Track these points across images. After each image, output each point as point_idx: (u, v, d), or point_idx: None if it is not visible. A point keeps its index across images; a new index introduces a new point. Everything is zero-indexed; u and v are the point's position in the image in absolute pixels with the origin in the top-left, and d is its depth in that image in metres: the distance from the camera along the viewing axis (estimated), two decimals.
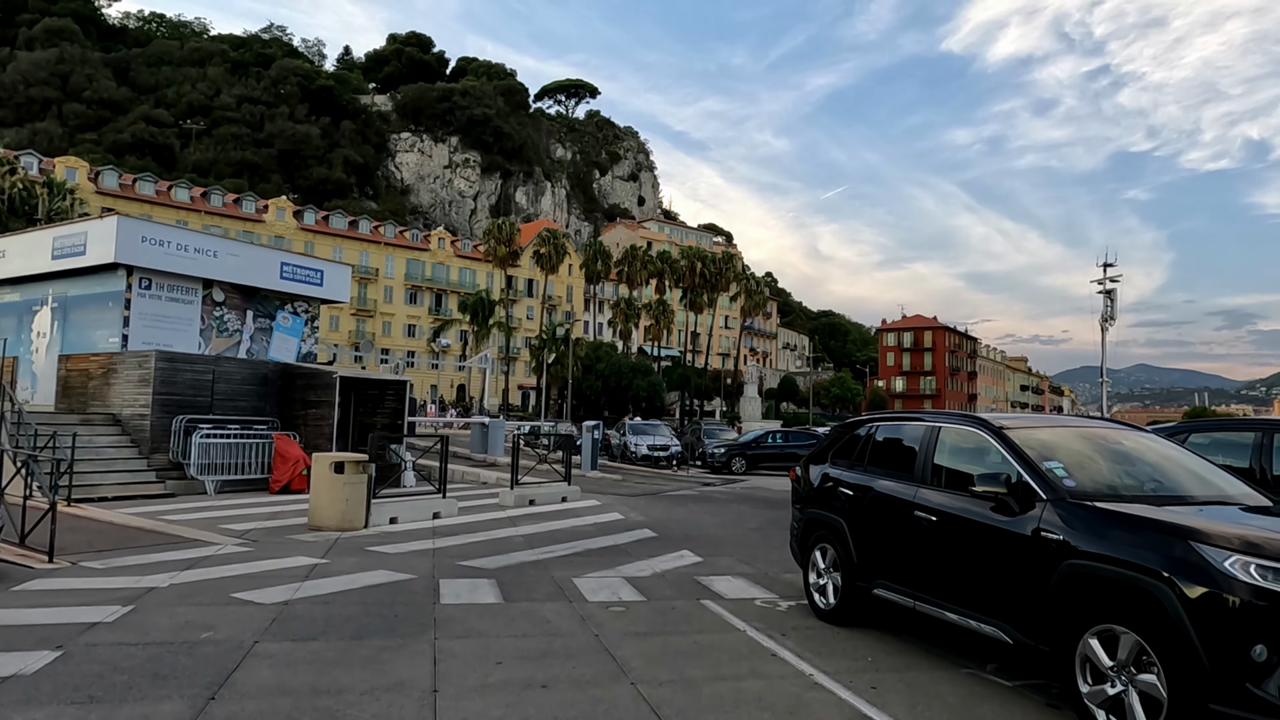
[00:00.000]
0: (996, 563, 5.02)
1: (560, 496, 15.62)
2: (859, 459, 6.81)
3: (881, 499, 6.20)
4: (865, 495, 6.43)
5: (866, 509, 6.38)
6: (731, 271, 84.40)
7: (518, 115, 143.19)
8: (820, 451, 7.58)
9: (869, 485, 6.42)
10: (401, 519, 12.03)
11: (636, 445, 28.57)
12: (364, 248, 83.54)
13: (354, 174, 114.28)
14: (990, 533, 5.07)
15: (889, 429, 6.71)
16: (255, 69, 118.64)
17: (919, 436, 6.13)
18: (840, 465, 7.03)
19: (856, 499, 6.53)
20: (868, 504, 6.38)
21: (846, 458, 7.01)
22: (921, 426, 6.20)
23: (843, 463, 7.02)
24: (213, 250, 16.95)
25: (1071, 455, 5.33)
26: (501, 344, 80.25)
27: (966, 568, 5.29)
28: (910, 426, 6.43)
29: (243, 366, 16.62)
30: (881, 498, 6.21)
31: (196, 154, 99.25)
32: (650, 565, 9.28)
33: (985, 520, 5.11)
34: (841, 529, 6.59)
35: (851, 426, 7.37)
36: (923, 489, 5.80)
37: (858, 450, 6.89)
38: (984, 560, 5.14)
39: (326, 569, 8.32)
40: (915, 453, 6.07)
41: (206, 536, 10.09)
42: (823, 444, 7.68)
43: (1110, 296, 59.67)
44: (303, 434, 16.53)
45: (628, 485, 20.49)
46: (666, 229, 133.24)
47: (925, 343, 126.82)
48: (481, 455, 25.45)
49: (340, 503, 11.12)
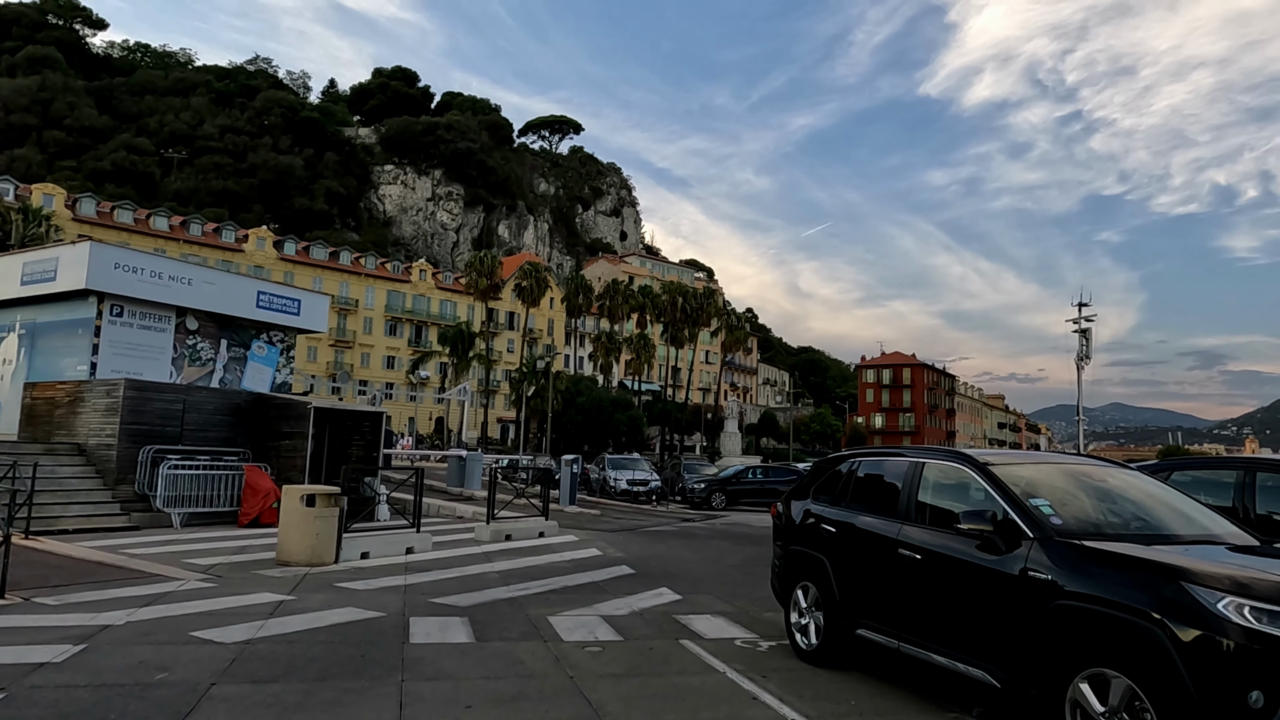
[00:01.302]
0: (983, 603, 4.89)
1: (538, 532, 15.34)
2: (841, 495, 6.68)
3: (864, 536, 6.07)
4: (848, 532, 6.29)
5: (849, 547, 6.24)
6: (713, 307, 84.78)
7: (501, 150, 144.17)
8: (802, 487, 7.45)
9: (852, 522, 6.29)
10: (374, 554, 11.73)
11: (616, 480, 28.29)
12: (344, 278, 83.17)
13: (336, 205, 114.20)
14: (976, 572, 4.94)
15: (871, 465, 6.60)
16: (239, 100, 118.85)
17: (902, 472, 6.02)
18: (823, 501, 6.90)
19: (839, 536, 6.39)
20: (851, 541, 6.24)
21: (829, 494, 6.88)
22: (904, 462, 6.10)
23: (825, 499, 6.89)
24: (188, 278, 16.69)
25: (1057, 492, 5.23)
26: (481, 377, 79.82)
27: (952, 608, 5.15)
28: (893, 462, 6.33)
29: (215, 396, 16.30)
30: (864, 535, 6.07)
31: (177, 183, 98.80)
32: (628, 603, 9.06)
33: (971, 559, 4.99)
34: (824, 567, 6.44)
35: (834, 462, 7.25)
36: (906, 526, 5.68)
37: (840, 486, 6.76)
38: (970, 600, 5.00)
39: (292, 606, 8.04)
40: (898, 489, 5.95)
41: (168, 571, 9.75)
42: (805, 480, 7.56)
43: (1086, 336, 60.31)
44: (275, 466, 16.19)
45: (606, 521, 20.22)
46: (648, 264, 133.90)
47: (904, 380, 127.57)
48: (458, 489, 25.07)
49: (310, 537, 10.82)
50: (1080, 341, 61.41)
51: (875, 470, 6.50)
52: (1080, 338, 61.44)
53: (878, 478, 6.40)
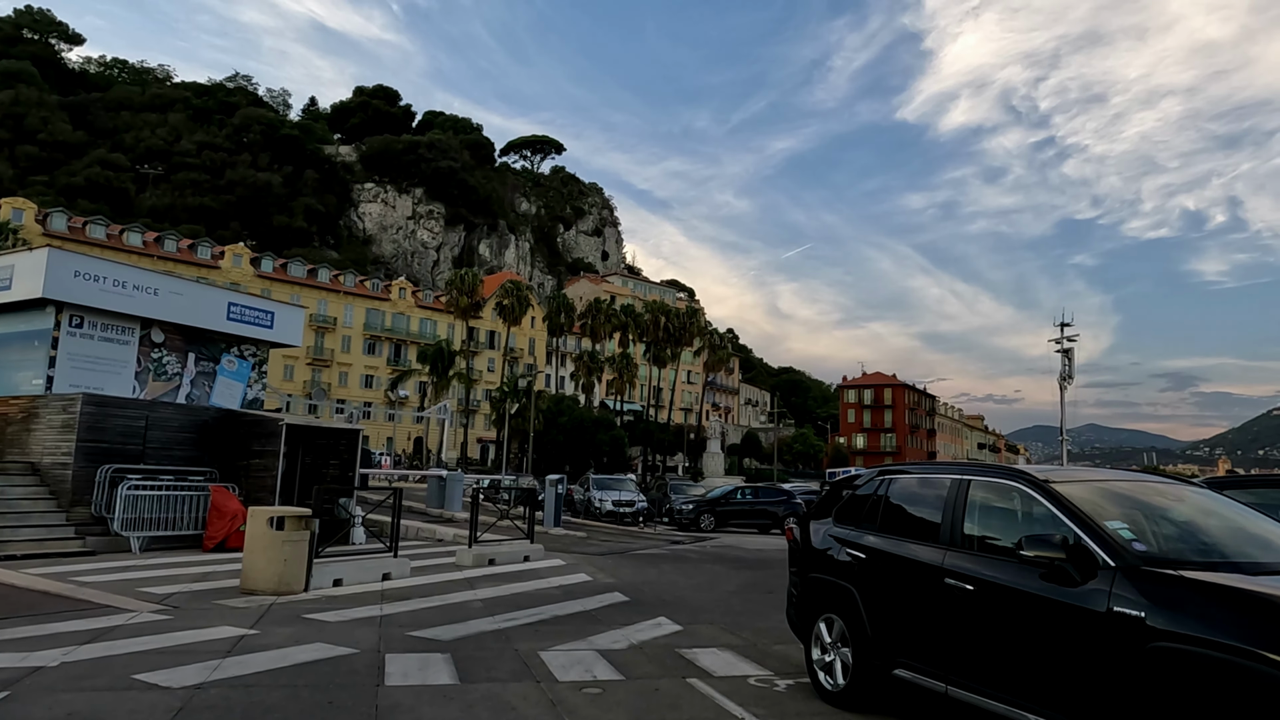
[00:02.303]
0: (1053, 643, 4.22)
1: (522, 555, 14.54)
2: (870, 517, 6.00)
3: (901, 564, 5.39)
4: (881, 559, 5.61)
5: (883, 575, 5.56)
6: (695, 326, 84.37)
7: (483, 169, 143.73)
8: (821, 508, 6.77)
9: (885, 548, 5.61)
10: (347, 580, 10.89)
11: (601, 501, 27.48)
12: (323, 296, 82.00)
13: (316, 223, 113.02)
14: (1044, 606, 4.27)
15: (905, 483, 5.93)
16: (218, 116, 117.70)
17: (943, 492, 5.36)
18: (847, 524, 6.22)
19: (870, 563, 5.70)
20: (884, 570, 5.55)
21: (855, 516, 6.20)
22: (945, 480, 5.43)
23: (850, 521, 6.21)
24: (153, 288, 15.83)
25: (1131, 514, 4.59)
26: (461, 396, 78.70)
27: (1015, 648, 4.47)
28: (931, 480, 5.67)
29: (180, 412, 15.40)
30: (901, 563, 5.39)
31: (153, 199, 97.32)
32: (625, 635, 8.31)
33: (1036, 592, 4.32)
34: (852, 598, 5.75)
35: (857, 480, 6.58)
36: (952, 553, 5.00)
37: (868, 507, 6.08)
38: (1037, 640, 4.33)
39: (254, 642, 7.22)
40: (940, 511, 5.28)
41: (119, 602, 8.88)
42: (824, 500, 6.87)
43: (1068, 355, 60.42)
44: (244, 486, 15.29)
45: (593, 543, 19.42)
46: (630, 283, 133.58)
47: (886, 400, 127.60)
48: (438, 510, 24.17)
49: (278, 563, 9.98)
50: (1063, 361, 61.37)
51: (909, 489, 5.84)
52: (1062, 358, 61.42)
53: (913, 497, 5.73)
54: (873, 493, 6.13)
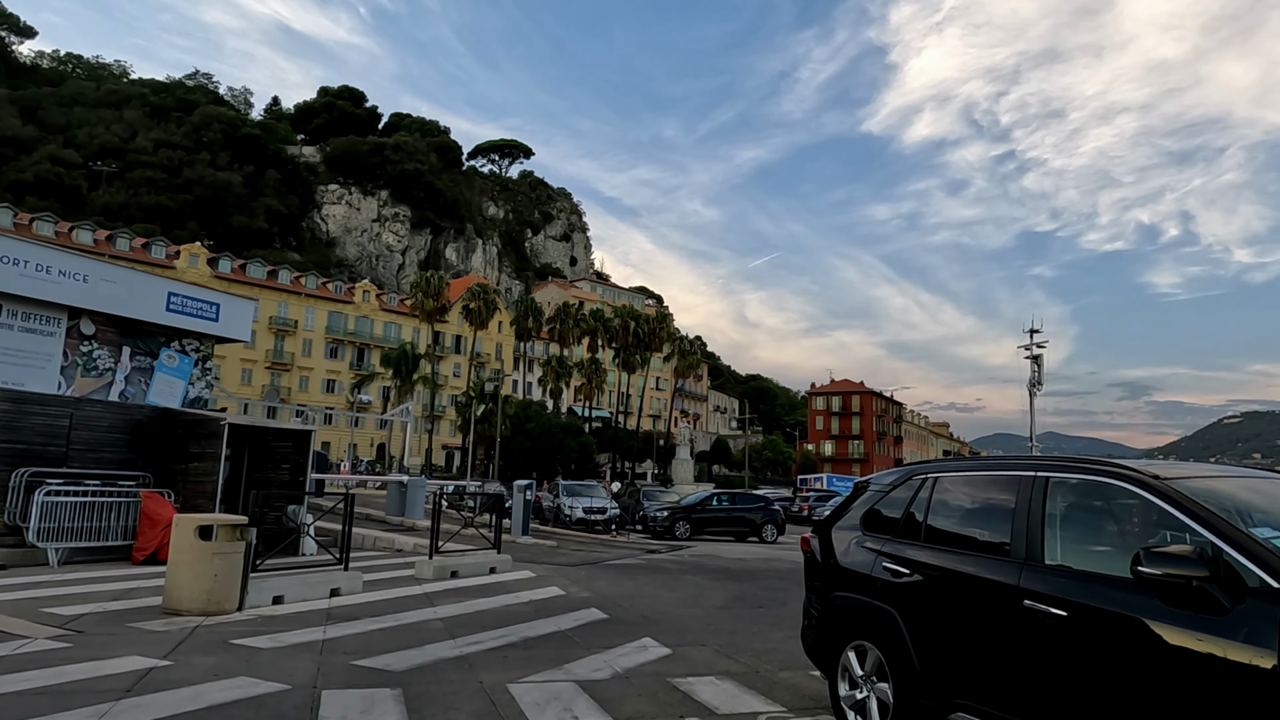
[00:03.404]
0: (1180, 684, 3.21)
1: (488, 567, 13.36)
2: (910, 524, 4.98)
3: (961, 582, 4.36)
4: (932, 576, 4.58)
5: (935, 596, 4.53)
6: (665, 331, 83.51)
7: (450, 172, 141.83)
8: (844, 513, 5.73)
9: (937, 563, 4.58)
10: (289, 598, 9.65)
11: (572, 508, 26.29)
12: (283, 298, 79.73)
13: (277, 224, 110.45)
14: (1170, 638, 3.26)
15: (954, 483, 4.91)
16: (176, 114, 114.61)
17: (1011, 493, 4.34)
18: (881, 533, 5.19)
19: (917, 581, 4.67)
20: (937, 589, 4.53)
21: (889, 522, 5.18)
22: (1014, 478, 4.41)
23: (885, 529, 5.19)
24: (83, 274, 14.40)
25: (1273, 518, 3.61)
26: (426, 401, 76.91)
27: (1123, 691, 3.46)
28: (994, 479, 4.65)
29: (110, 411, 13.99)
30: (961, 580, 4.37)
31: (106, 197, 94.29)
32: (608, 661, 7.21)
33: (1165, 621, 3.31)
34: (893, 623, 4.71)
35: (886, 481, 5.56)
36: (1032, 569, 3.99)
37: (907, 512, 5.06)
38: (1156, 680, 3.32)
39: (162, 677, 6.00)
40: (1010, 516, 4.26)
41: (13, 626, 7.57)
42: (847, 504, 5.83)
43: (1038, 362, 60.45)
44: (182, 492, 13.93)
45: (564, 553, 18.26)
46: (599, 289, 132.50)
47: (854, 407, 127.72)
48: (399, 519, 22.83)
49: (207, 578, 8.72)
50: (1032, 368, 61.30)
51: (962, 491, 4.82)
52: (1032, 364, 61.40)
53: (968, 500, 4.72)
54: (911, 496, 5.11)
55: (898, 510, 5.16)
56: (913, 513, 5.01)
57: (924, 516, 4.90)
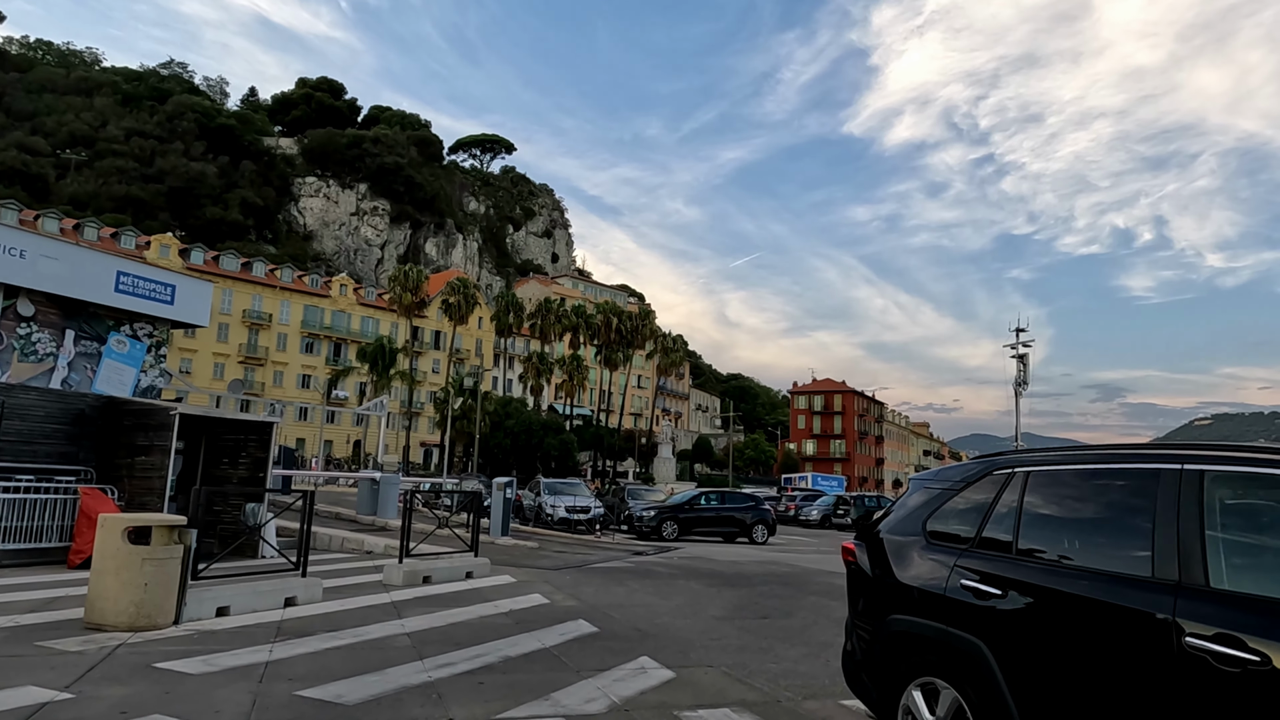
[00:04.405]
0: None
1: (464, 571, 12.24)
2: (997, 531, 3.94)
3: (1083, 611, 3.32)
4: (1038, 600, 3.54)
5: (1043, 627, 3.49)
6: (648, 328, 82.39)
7: (431, 166, 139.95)
8: (899, 515, 4.68)
9: (1045, 582, 3.54)
10: (236, 608, 8.50)
11: (554, 507, 25.17)
12: (258, 291, 77.91)
13: (253, 216, 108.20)
14: None
15: (1060, 478, 3.85)
16: (149, 103, 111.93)
17: (1150, 492, 3.29)
18: (952, 542, 4.15)
19: (1015, 606, 3.63)
20: (1045, 617, 3.49)
21: (966, 527, 4.14)
22: (1148, 473, 3.37)
23: (957, 536, 4.15)
24: (19, 249, 13.09)
25: None
26: (404, 398, 75.41)
27: None
28: (1116, 472, 3.60)
29: (46, 399, 12.71)
30: (1083, 608, 3.33)
31: (74, 186, 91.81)
32: (602, 688, 6.13)
33: None
34: (980, 660, 3.67)
35: (953, 475, 4.52)
36: (1189, 595, 2.96)
37: (990, 515, 4.02)
38: None
39: (58, 714, 4.86)
40: (1150, 522, 3.23)
41: None
42: (903, 503, 4.78)
43: (1023, 361, 60.01)
44: (127, 489, 12.70)
45: (547, 555, 17.16)
46: (581, 286, 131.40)
47: (835, 406, 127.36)
48: (370, 518, 21.62)
49: (136, 588, 7.55)
50: (1018, 367, 60.86)
51: (1073, 487, 3.77)
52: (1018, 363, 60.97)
53: (1084, 499, 3.69)
54: (994, 495, 4.07)
55: (976, 513, 4.11)
56: (999, 516, 3.97)
57: (1016, 521, 3.86)
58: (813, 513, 41.21)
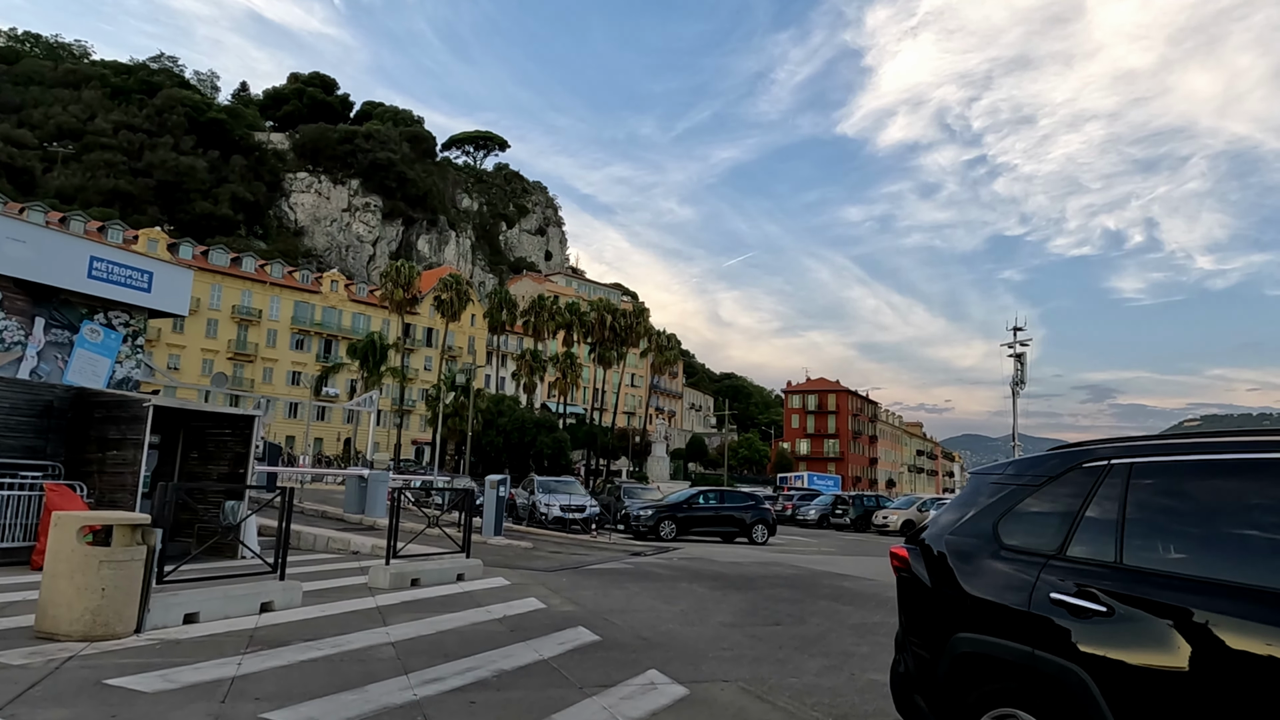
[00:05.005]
0: None
1: (455, 574, 11.57)
2: (1094, 536, 3.30)
3: (1226, 636, 2.68)
4: (1159, 622, 2.89)
5: (1165, 655, 2.84)
6: (642, 326, 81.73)
7: (424, 163, 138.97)
8: (961, 516, 4.03)
9: (1167, 599, 2.89)
10: (206, 615, 7.82)
11: (548, 506, 24.48)
12: (247, 286, 76.92)
13: (243, 212, 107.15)
14: None
15: (1174, 473, 3.19)
16: (138, 96, 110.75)
17: None
18: (1032, 550, 3.50)
19: (1127, 629, 2.98)
20: (1169, 643, 2.84)
21: (1051, 531, 3.49)
22: None
23: (1040, 541, 3.50)
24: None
25: None
26: (395, 395, 74.58)
27: None
28: (1250, 465, 2.96)
29: (12, 390, 11.98)
30: (1226, 633, 2.68)
31: (61, 179, 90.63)
32: (609, 707, 5.48)
33: None
34: (1079, 689, 3.02)
35: (1036, 470, 3.87)
36: None
37: (1083, 515, 3.37)
38: None
39: None
40: None
41: None
42: (964, 502, 4.12)
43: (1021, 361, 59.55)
44: (97, 485, 11.97)
45: (541, 555, 16.49)
46: (574, 284, 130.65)
47: (830, 406, 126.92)
48: (357, 517, 20.89)
49: (93, 593, 6.86)
50: (1015, 366, 60.44)
51: (1193, 483, 3.12)
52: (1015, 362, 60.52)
53: (1211, 499, 3.04)
54: (1086, 493, 3.42)
55: (1064, 513, 3.47)
56: (1095, 517, 3.33)
57: (1119, 523, 3.21)
58: (810, 512, 40.64)
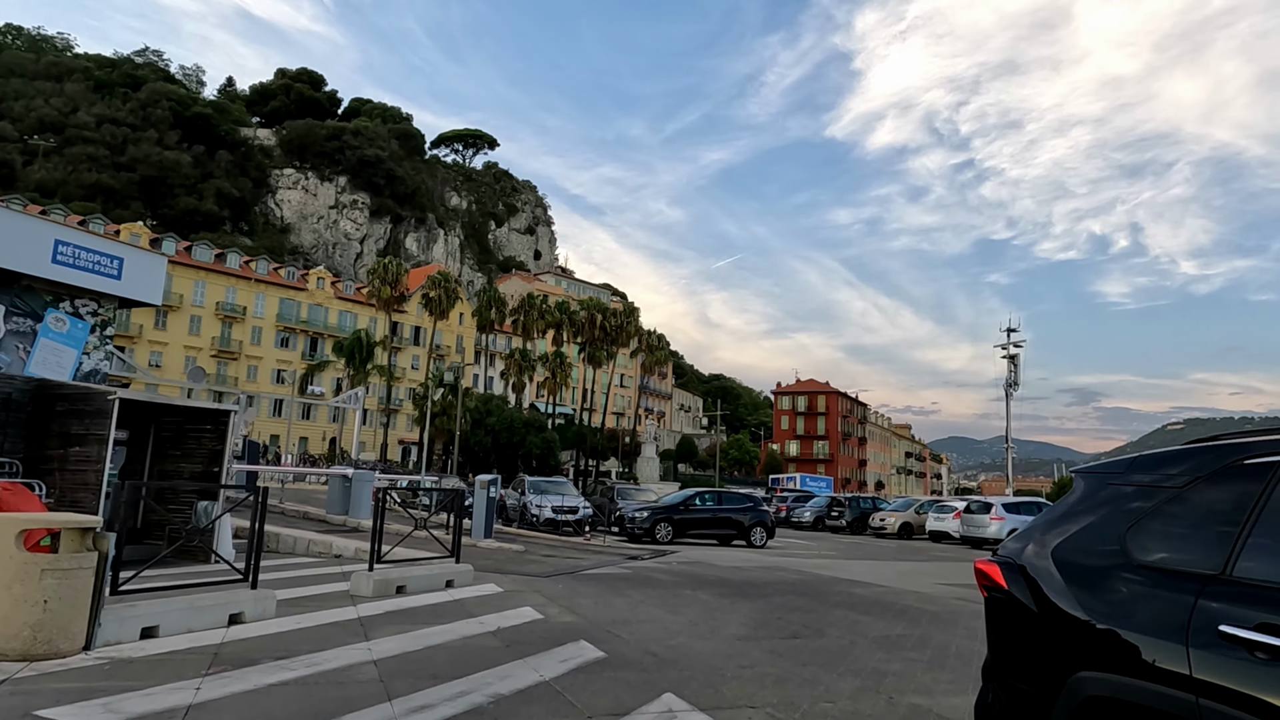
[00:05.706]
0: None
1: (444, 580, 10.79)
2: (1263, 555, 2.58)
3: None
4: None
5: None
6: (632, 326, 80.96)
7: (412, 160, 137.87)
8: (1081, 526, 3.30)
9: None
10: (166, 629, 7.02)
11: (539, 507, 23.70)
12: (231, 283, 75.69)
13: (228, 208, 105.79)
14: None
15: None
16: (122, 90, 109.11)
17: None
18: (1187, 570, 2.79)
19: None
20: None
21: (1207, 549, 2.77)
22: None
23: (1195, 561, 2.78)
24: None
25: None
26: (382, 394, 73.53)
27: None
28: None
29: None
30: None
31: (42, 173, 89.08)
32: None
33: None
34: None
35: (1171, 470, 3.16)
36: None
37: (1255, 524, 2.66)
38: None
39: None
40: None
41: None
42: (1081, 509, 3.39)
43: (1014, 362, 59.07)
44: (57, 484, 11.13)
45: (534, 559, 15.72)
46: (564, 283, 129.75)
47: (819, 407, 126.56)
48: (341, 518, 20.06)
49: (34, 606, 6.06)
50: (1008, 368, 60.05)
51: None
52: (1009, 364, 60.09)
53: None
54: (1257, 495, 2.70)
55: (1225, 523, 2.75)
56: (1268, 529, 2.61)
57: None
58: (805, 514, 40.01)
